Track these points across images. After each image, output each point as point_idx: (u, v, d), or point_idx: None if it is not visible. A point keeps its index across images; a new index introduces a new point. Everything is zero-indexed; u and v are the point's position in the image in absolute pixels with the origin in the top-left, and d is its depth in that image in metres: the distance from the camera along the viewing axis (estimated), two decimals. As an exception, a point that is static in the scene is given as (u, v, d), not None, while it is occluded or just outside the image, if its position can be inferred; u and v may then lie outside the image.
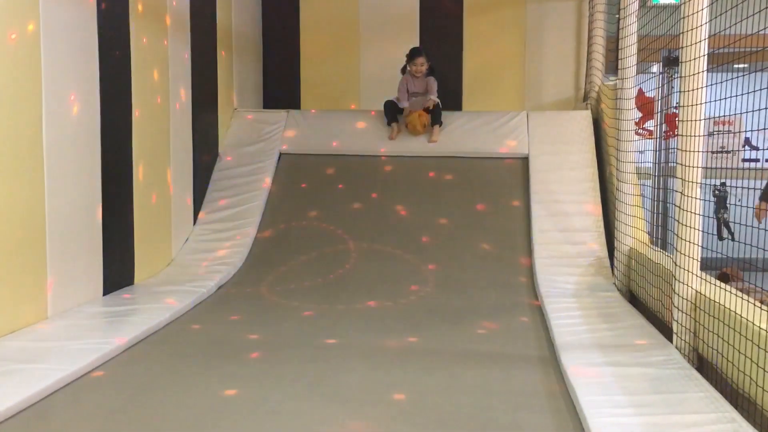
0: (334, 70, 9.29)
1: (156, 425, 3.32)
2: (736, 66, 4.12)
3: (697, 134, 4.11)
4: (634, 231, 6.05)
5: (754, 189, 5.23)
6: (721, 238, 9.23)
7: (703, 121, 4.12)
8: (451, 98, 8.99)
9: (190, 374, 4.08)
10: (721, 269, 6.06)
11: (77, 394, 3.71)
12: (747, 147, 10.45)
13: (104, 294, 5.64)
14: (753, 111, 3.64)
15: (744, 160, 10.61)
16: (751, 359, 3.27)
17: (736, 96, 3.84)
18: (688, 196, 4.19)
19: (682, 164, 4.21)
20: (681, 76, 4.24)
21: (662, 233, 6.47)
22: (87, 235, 5.40)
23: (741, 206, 4.45)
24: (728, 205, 10.26)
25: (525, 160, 7.83)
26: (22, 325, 4.58)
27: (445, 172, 7.89)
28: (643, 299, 5.44)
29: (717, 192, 10.20)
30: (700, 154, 4.12)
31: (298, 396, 3.73)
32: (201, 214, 7.54)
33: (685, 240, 4.19)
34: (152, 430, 3.25)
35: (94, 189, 5.50)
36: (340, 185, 7.82)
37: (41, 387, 3.59)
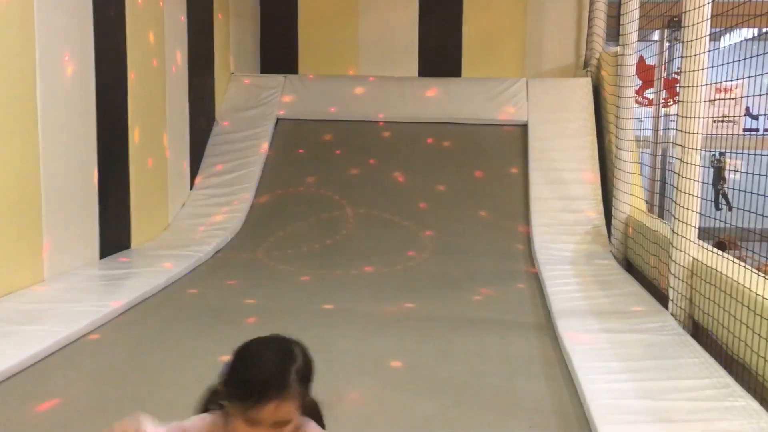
0: (333, 35, 9.17)
1: (151, 387, 3.32)
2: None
3: (698, 100, 4.06)
4: (632, 199, 6.03)
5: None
6: (718, 207, 9.23)
7: (704, 87, 4.08)
8: (450, 64, 8.90)
9: (186, 338, 4.08)
10: (718, 238, 6.06)
11: (74, 356, 3.71)
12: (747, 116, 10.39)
13: (101, 258, 5.62)
14: (754, 76, 3.59)
15: (745, 130, 10.55)
16: (746, 325, 3.28)
17: (738, 61, 3.79)
18: (687, 163, 4.16)
19: (682, 131, 4.17)
20: (683, 41, 4.18)
21: (660, 201, 6.45)
22: (83, 198, 5.37)
23: (739, 172, 4.41)
24: (725, 177, 10.24)
25: (524, 128, 7.78)
26: (18, 288, 4.57)
27: (444, 138, 7.84)
28: (640, 267, 5.45)
29: (715, 162, 10.17)
30: (701, 120, 4.08)
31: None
32: (197, 179, 7.50)
33: (683, 207, 4.17)
34: (147, 393, 3.26)
35: (89, 152, 5.45)
36: (337, 151, 7.77)
37: (38, 348, 3.60)
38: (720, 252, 3.94)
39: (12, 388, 3.25)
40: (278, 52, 9.31)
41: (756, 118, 10.15)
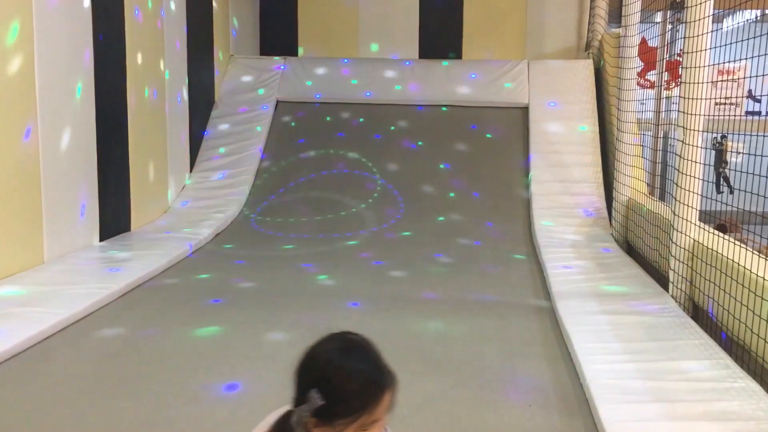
0: (333, 17, 9.12)
1: (150, 369, 3.33)
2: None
3: (700, 81, 4.03)
4: (633, 182, 6.01)
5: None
6: (719, 191, 9.20)
7: (706, 68, 4.04)
8: (451, 46, 8.85)
9: (187, 319, 4.08)
10: (719, 220, 6.04)
11: (74, 338, 3.71)
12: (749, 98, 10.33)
13: (101, 240, 5.62)
14: (757, 56, 3.56)
15: (747, 113, 10.50)
16: (747, 306, 3.27)
17: (741, 41, 3.76)
18: (689, 145, 4.14)
19: (684, 112, 4.15)
20: (686, 22, 4.15)
21: (661, 184, 6.43)
22: (82, 181, 5.35)
23: (741, 153, 4.39)
24: (727, 160, 10.20)
25: (525, 110, 7.75)
26: (18, 270, 4.57)
27: (444, 121, 7.81)
28: (640, 249, 5.44)
29: (716, 145, 10.12)
30: (703, 101, 4.05)
31: (294, 343, 3.73)
32: (197, 163, 7.48)
33: (684, 189, 4.15)
34: (148, 373, 3.27)
35: (88, 136, 5.43)
36: (337, 133, 7.75)
37: (39, 330, 3.60)
38: (721, 234, 3.92)
39: (14, 369, 3.25)
40: (278, 34, 9.25)
41: (759, 101, 10.11)
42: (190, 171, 7.37)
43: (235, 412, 2.85)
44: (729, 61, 3.95)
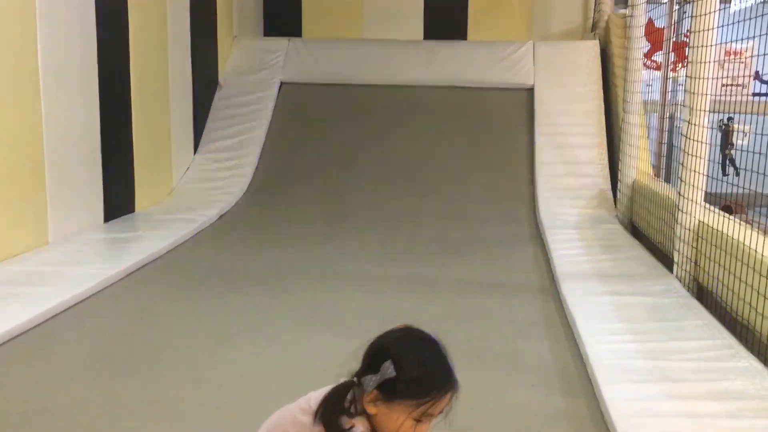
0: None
1: (155, 349, 3.34)
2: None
3: (706, 61, 4.00)
4: (638, 163, 5.99)
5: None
6: (725, 173, 9.15)
7: (714, 48, 4.01)
8: (456, 27, 8.77)
9: (190, 301, 4.09)
10: (724, 201, 6.01)
11: (78, 318, 3.73)
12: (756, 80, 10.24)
13: (105, 221, 5.63)
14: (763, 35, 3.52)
15: (754, 95, 10.42)
16: (752, 287, 3.26)
17: (749, 20, 3.72)
18: (694, 125, 4.11)
19: (690, 92, 4.11)
20: (692, 1, 4.10)
21: (667, 165, 6.40)
22: (86, 162, 5.35)
23: (747, 134, 4.36)
24: (734, 141, 10.14)
25: (530, 91, 7.70)
26: (23, 250, 4.58)
27: (449, 102, 7.76)
28: (645, 231, 5.42)
29: (723, 127, 10.06)
30: (710, 81, 4.01)
31: (297, 324, 3.74)
32: (201, 144, 7.47)
33: (689, 169, 4.13)
34: (152, 353, 3.28)
35: (92, 115, 5.42)
36: (341, 115, 7.72)
37: (43, 309, 3.61)
38: (727, 215, 3.90)
39: (19, 348, 3.27)
40: (282, 15, 9.18)
41: (766, 82, 10.02)
42: (195, 153, 7.36)
43: (239, 392, 2.86)
44: (736, 40, 3.91)
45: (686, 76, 4.21)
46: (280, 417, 1.75)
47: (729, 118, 9.76)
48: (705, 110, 4.05)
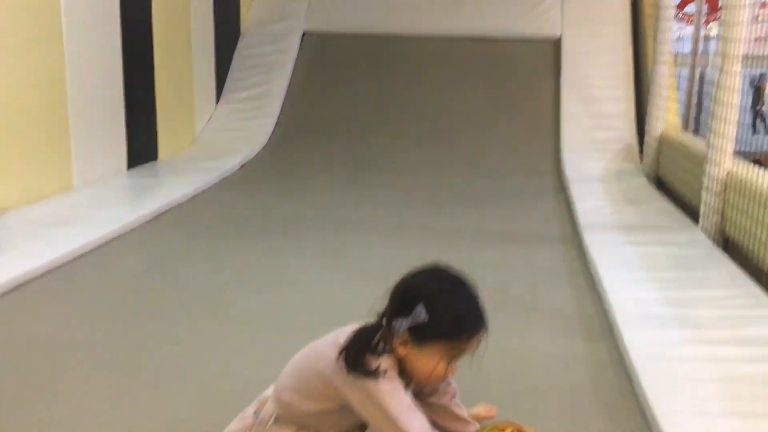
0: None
1: (178, 290, 3.37)
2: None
3: (741, 5, 3.87)
4: (667, 115, 5.87)
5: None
6: (755, 130, 8.96)
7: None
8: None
9: (212, 245, 4.12)
10: (754, 156, 5.90)
11: (102, 259, 3.77)
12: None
13: (128, 168, 5.66)
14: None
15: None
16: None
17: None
18: (727, 73, 3.99)
19: (724, 38, 3.99)
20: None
21: (696, 118, 6.27)
22: (110, 109, 5.36)
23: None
24: (766, 99, 9.91)
25: (557, 43, 7.54)
26: (48, 194, 4.63)
27: (474, 53, 7.64)
28: (671, 184, 5.34)
29: (755, 83, 9.81)
30: (744, 26, 3.89)
31: (319, 269, 3.75)
32: (224, 94, 7.45)
33: (720, 119, 4.03)
34: (174, 294, 3.31)
35: (114, 63, 5.41)
36: (365, 66, 7.63)
37: (68, 250, 3.66)
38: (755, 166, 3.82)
39: (44, 286, 3.32)
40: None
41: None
42: (217, 102, 7.34)
43: (260, 330, 2.89)
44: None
45: (720, 21, 4.08)
46: (310, 350, 1.76)
47: (761, 75, 9.52)
48: (738, 57, 3.93)
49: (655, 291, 3.24)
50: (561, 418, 2.20)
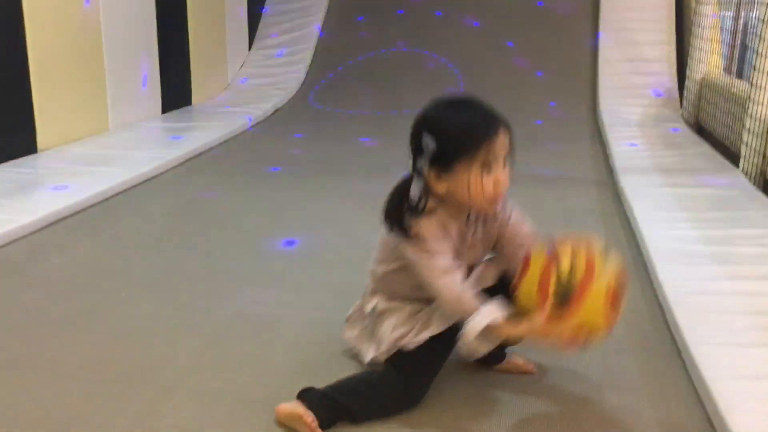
0: None
1: (213, 227, 3.42)
2: None
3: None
4: (709, 57, 5.68)
5: None
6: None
7: None
8: None
9: (246, 186, 4.16)
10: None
11: (139, 198, 3.83)
12: None
13: (162, 112, 5.70)
14: None
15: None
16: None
17: None
18: (774, 8, 3.84)
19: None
20: None
21: (739, 59, 6.06)
22: (144, 53, 5.38)
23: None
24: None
25: (596, -15, 7.32)
26: (85, 135, 4.69)
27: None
28: (712, 128, 5.21)
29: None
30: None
31: (351, 207, 3.76)
32: (256, 40, 7.41)
33: (765, 56, 3.90)
34: (210, 231, 3.36)
35: (149, 10, 5.41)
36: (397, 10, 7.50)
37: (106, 187, 3.73)
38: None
39: (82, 221, 3.39)
40: None
41: None
42: (249, 48, 7.32)
43: (292, 263, 2.92)
44: None
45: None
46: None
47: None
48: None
49: (691, 230, 3.18)
50: (593, 348, 2.19)
